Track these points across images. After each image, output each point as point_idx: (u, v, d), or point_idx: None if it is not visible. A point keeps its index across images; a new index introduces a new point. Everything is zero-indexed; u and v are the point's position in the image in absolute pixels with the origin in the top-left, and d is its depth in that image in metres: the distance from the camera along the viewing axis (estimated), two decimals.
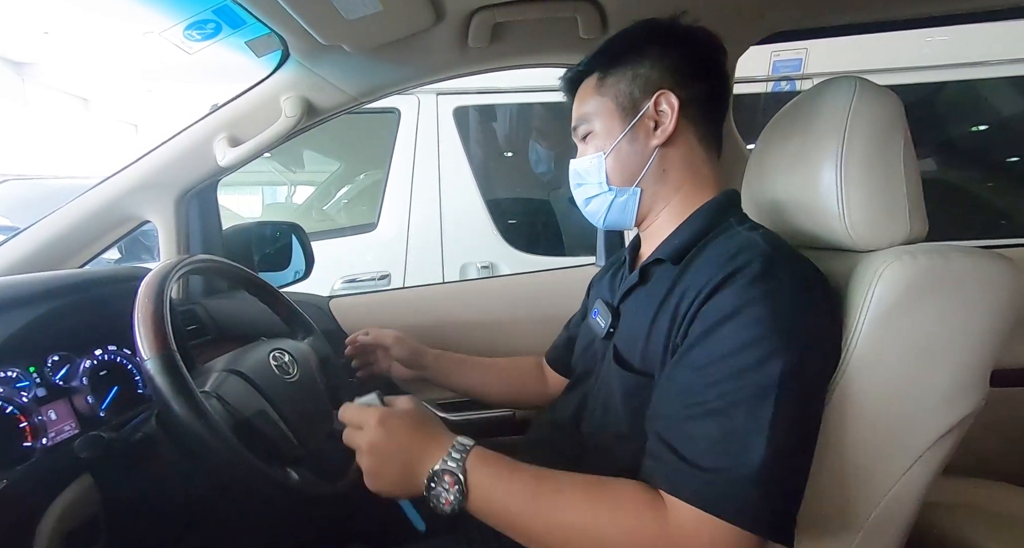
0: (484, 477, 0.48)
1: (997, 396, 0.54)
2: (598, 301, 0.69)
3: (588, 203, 0.66)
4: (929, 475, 0.52)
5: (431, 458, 0.49)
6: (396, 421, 0.51)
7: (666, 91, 0.59)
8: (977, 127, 2.29)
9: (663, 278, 0.57)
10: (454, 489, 0.47)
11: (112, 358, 0.67)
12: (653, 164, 0.61)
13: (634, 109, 0.61)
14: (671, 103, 0.59)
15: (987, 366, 0.50)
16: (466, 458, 0.49)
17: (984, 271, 0.49)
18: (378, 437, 0.50)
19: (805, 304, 0.47)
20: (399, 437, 0.50)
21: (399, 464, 0.50)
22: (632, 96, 0.61)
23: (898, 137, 0.54)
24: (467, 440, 0.51)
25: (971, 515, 0.80)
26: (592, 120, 0.64)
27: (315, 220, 2.52)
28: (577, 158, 0.67)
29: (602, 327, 0.65)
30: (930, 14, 0.99)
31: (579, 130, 0.66)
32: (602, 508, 0.46)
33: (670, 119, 0.59)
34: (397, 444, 0.50)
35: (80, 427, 0.60)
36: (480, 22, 0.81)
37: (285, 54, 0.84)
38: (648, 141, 0.61)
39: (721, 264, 0.50)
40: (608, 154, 0.62)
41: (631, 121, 0.61)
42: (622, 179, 0.63)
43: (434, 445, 0.50)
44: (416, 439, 0.50)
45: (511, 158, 2.24)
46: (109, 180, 0.89)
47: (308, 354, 0.77)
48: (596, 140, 0.63)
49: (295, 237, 1.15)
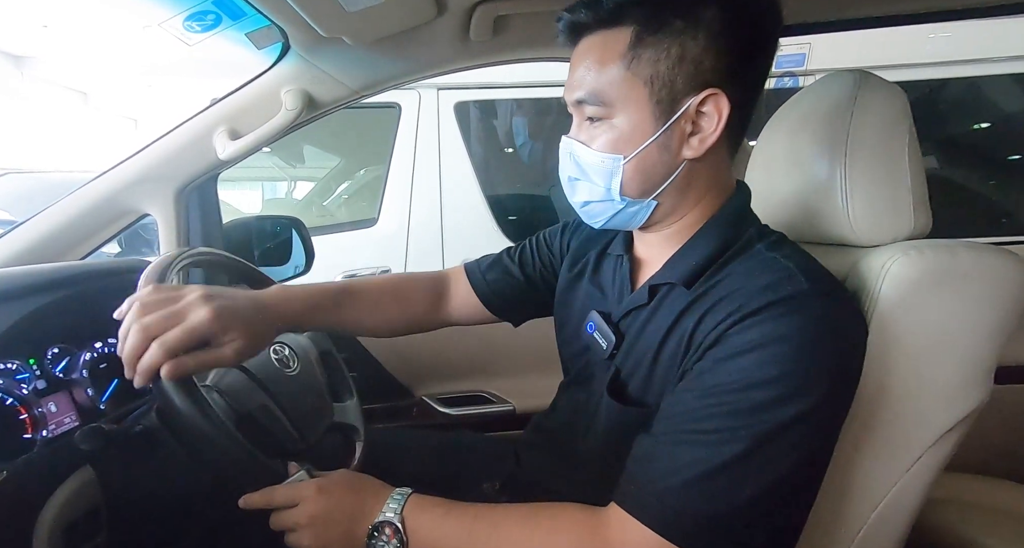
0: (421, 523, 0.49)
1: (1000, 393, 0.53)
2: (593, 314, 0.60)
3: (586, 205, 0.55)
4: (932, 471, 0.51)
5: (371, 513, 0.50)
6: (335, 486, 0.51)
7: (717, 91, 0.46)
8: (979, 124, 2.28)
9: (674, 301, 0.51)
10: (393, 540, 0.48)
11: (112, 351, 0.67)
12: (678, 177, 0.50)
13: (672, 105, 0.47)
14: (719, 108, 0.46)
15: (992, 362, 0.50)
16: (403, 507, 0.49)
17: (990, 267, 0.49)
18: (318, 507, 0.50)
19: (836, 344, 0.44)
20: (340, 501, 0.50)
21: (342, 527, 0.50)
22: (674, 87, 0.46)
23: (903, 131, 0.53)
24: (404, 490, 0.52)
25: (972, 512, 0.80)
26: (613, 103, 0.48)
27: (316, 215, 2.52)
28: (576, 140, 0.52)
29: (604, 348, 0.57)
30: (933, 10, 0.98)
31: (585, 107, 0.50)
32: (538, 534, 0.47)
33: (715, 128, 0.47)
34: (338, 508, 0.50)
35: (80, 419, 0.60)
36: (482, 15, 0.81)
37: (285, 47, 0.83)
38: (680, 151, 0.49)
39: (752, 293, 0.44)
40: (629, 159, 0.49)
41: (666, 122, 0.47)
42: (639, 191, 0.51)
43: (372, 500, 0.51)
44: (357, 499, 0.51)
45: (512, 154, 2.23)
46: (109, 173, 0.89)
47: (308, 348, 0.76)
48: (613, 134, 0.49)
49: (295, 232, 1.15)
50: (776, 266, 0.47)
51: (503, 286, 0.76)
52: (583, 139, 0.52)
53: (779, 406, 0.41)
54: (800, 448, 0.42)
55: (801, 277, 0.45)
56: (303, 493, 0.51)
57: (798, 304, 0.43)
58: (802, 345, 0.42)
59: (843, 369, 0.45)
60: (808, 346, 0.42)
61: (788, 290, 0.44)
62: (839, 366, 0.44)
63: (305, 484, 0.51)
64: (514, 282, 0.75)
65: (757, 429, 0.41)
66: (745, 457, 0.41)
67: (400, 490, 0.52)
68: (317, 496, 0.50)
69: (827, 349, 0.43)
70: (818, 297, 0.44)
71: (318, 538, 0.49)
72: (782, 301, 0.43)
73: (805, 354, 0.42)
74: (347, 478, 0.53)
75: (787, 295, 0.43)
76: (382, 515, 0.49)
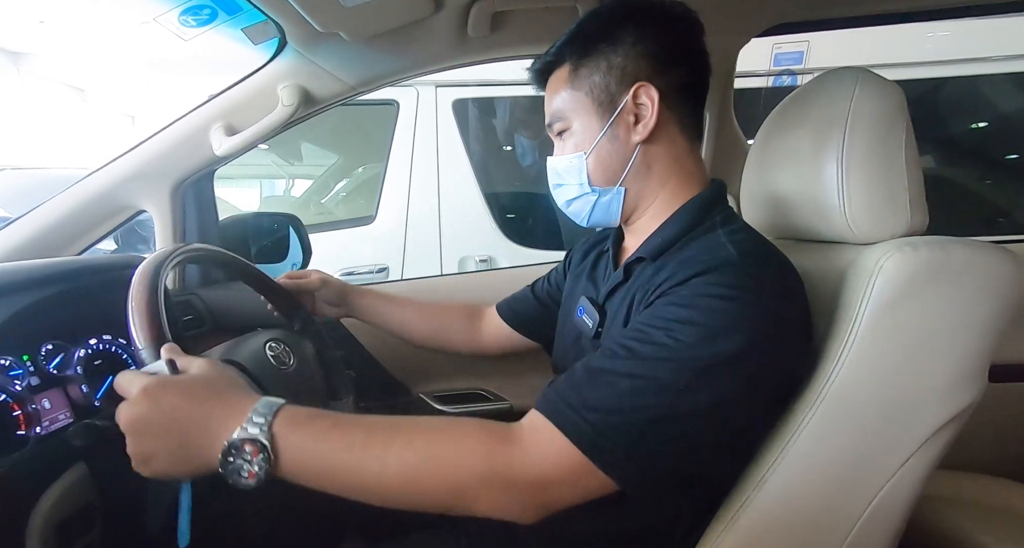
0: (297, 438, 0.43)
1: (994, 391, 0.54)
2: (583, 299, 0.66)
3: (570, 204, 0.64)
4: (926, 468, 0.52)
5: (224, 428, 0.43)
6: (167, 390, 0.44)
7: (644, 83, 0.56)
8: (977, 124, 2.29)
9: (642, 275, 0.57)
10: (258, 458, 0.42)
11: (107, 347, 0.66)
12: (636, 161, 0.59)
13: (612, 104, 0.57)
14: (651, 95, 0.56)
15: (986, 359, 0.50)
16: (271, 422, 0.43)
17: (985, 264, 0.49)
18: (138, 411, 0.43)
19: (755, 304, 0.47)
20: (168, 409, 0.43)
21: (173, 440, 0.43)
22: (608, 89, 0.57)
23: (900, 129, 0.53)
24: (274, 400, 0.45)
25: (966, 509, 0.80)
26: (568, 116, 0.60)
27: (313, 212, 2.51)
28: (554, 156, 0.63)
29: (590, 327, 0.63)
30: (932, 8, 0.98)
31: (554, 127, 0.62)
32: (442, 444, 0.45)
33: (651, 113, 0.56)
34: (165, 417, 0.43)
35: (75, 416, 0.60)
36: (479, 11, 0.80)
37: (282, 42, 0.83)
38: (629, 137, 0.58)
39: (691, 263, 0.50)
40: (589, 154, 0.59)
41: (610, 118, 0.58)
42: (604, 179, 0.60)
43: (226, 412, 0.44)
44: (196, 409, 0.44)
45: (510, 151, 2.23)
46: (104, 169, 0.88)
47: (304, 344, 0.76)
48: (573, 138, 0.60)
49: (292, 229, 1.15)
50: (719, 245, 0.52)
51: (521, 306, 0.88)
52: (557, 152, 0.63)
53: (701, 345, 0.45)
54: (717, 388, 0.45)
55: (733, 251, 0.50)
56: (129, 388, 0.44)
57: (723, 270, 0.48)
58: (726, 300, 0.46)
59: (764, 328, 0.47)
60: (731, 301, 0.46)
61: (719, 260, 0.49)
62: (761, 325, 0.46)
63: (135, 379, 0.45)
64: (529, 303, 0.87)
65: (678, 360, 0.45)
66: (662, 385, 0.45)
67: (268, 400, 0.45)
68: (139, 398, 0.43)
69: (749, 307, 0.46)
70: (743, 266, 0.49)
71: (137, 446, 0.44)
72: (712, 269, 0.48)
73: (728, 307, 0.46)
74: (191, 381, 0.46)
75: (717, 264, 0.49)
76: (242, 431, 0.42)
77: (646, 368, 0.45)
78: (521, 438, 0.46)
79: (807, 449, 0.51)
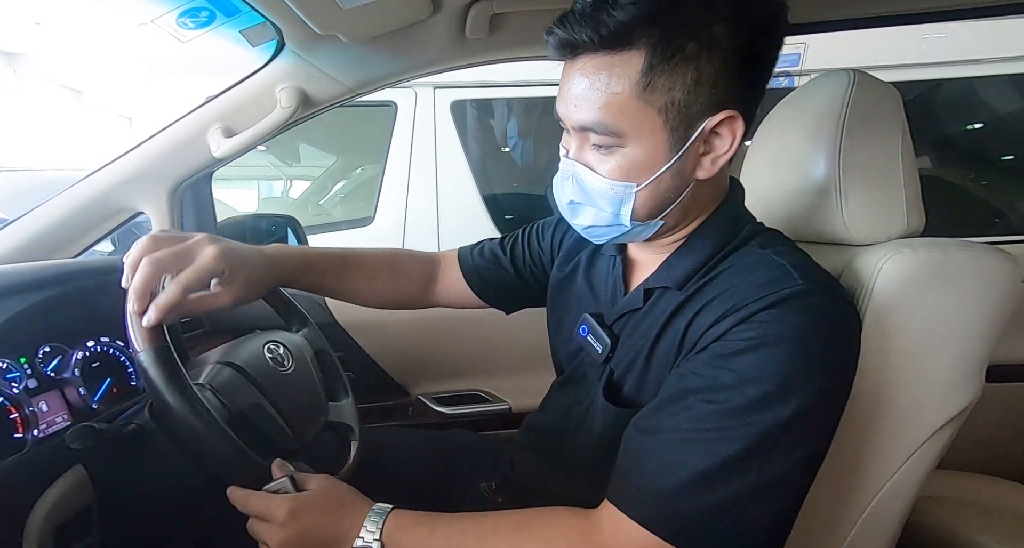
0: (403, 544, 0.47)
1: (992, 392, 0.54)
2: (586, 317, 0.59)
3: (590, 228, 0.52)
4: (924, 469, 0.52)
5: (348, 538, 0.47)
6: (308, 509, 0.48)
7: (734, 112, 0.44)
8: (973, 125, 2.30)
9: (666, 301, 0.51)
10: None
11: (105, 350, 0.66)
12: (687, 196, 0.49)
13: (687, 131, 0.44)
14: (734, 130, 0.45)
15: (983, 360, 0.50)
16: (382, 528, 0.47)
17: (982, 265, 0.49)
18: (290, 533, 0.47)
19: (832, 342, 0.43)
20: (312, 526, 0.48)
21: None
22: (689, 112, 0.43)
23: (896, 130, 0.54)
24: (384, 506, 0.49)
25: (964, 509, 0.80)
26: (625, 133, 0.44)
27: (312, 214, 2.51)
28: (579, 163, 0.48)
29: (599, 352, 0.57)
30: (930, 10, 0.99)
31: (591, 136, 0.46)
32: (530, 544, 0.46)
33: (728, 148, 0.45)
34: (311, 534, 0.48)
35: (72, 419, 0.59)
36: (478, 12, 0.80)
37: (280, 44, 0.83)
38: (693, 173, 0.47)
39: (747, 291, 0.44)
40: (642, 187, 0.46)
41: (680, 149, 0.45)
42: (647, 214, 0.49)
43: (349, 521, 0.48)
44: (331, 522, 0.48)
45: (508, 153, 2.23)
46: (102, 170, 0.88)
47: (303, 346, 0.76)
48: (624, 162, 0.46)
49: (291, 231, 1.15)
50: (771, 264, 0.46)
51: (492, 276, 0.76)
52: (590, 163, 0.48)
53: (776, 404, 0.41)
54: (797, 446, 0.42)
55: (796, 275, 0.44)
56: (275, 513, 0.48)
57: (795, 303, 0.43)
58: (799, 343, 0.41)
59: (839, 367, 0.44)
60: (805, 345, 0.42)
61: (784, 289, 0.43)
62: (835, 364, 0.44)
63: (279, 503, 0.49)
64: (504, 273, 0.76)
65: (753, 428, 0.41)
66: (741, 456, 0.41)
67: (379, 506, 0.49)
68: (288, 521, 0.48)
69: (823, 347, 0.42)
70: (814, 295, 0.43)
71: None
72: (780, 301, 0.42)
73: (802, 352, 0.41)
74: (322, 497, 0.50)
75: (785, 295, 0.43)
76: (360, 540, 0.47)
77: (724, 441, 0.41)
78: (605, 534, 0.45)
79: None
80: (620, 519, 0.44)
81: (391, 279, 0.76)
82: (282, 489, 0.51)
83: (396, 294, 0.77)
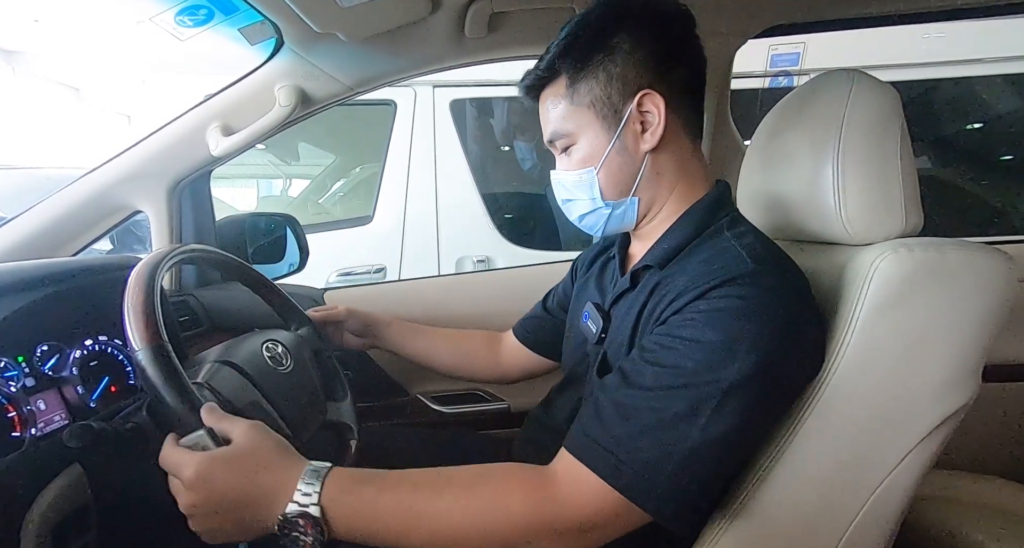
0: (347, 507, 0.44)
1: (991, 392, 0.54)
2: (588, 304, 0.66)
3: (583, 219, 0.62)
4: (920, 468, 0.52)
5: (277, 502, 0.43)
6: (221, 469, 0.44)
7: (648, 91, 0.54)
8: (972, 125, 2.30)
9: (649, 282, 0.56)
10: (312, 531, 0.42)
11: (103, 348, 0.66)
12: (646, 169, 0.57)
13: (616, 115, 0.56)
14: (656, 103, 0.54)
15: (980, 359, 0.50)
16: (320, 492, 0.43)
17: (979, 265, 0.49)
18: (200, 496, 0.43)
19: (780, 317, 0.47)
20: (226, 490, 0.43)
21: (233, 515, 0.44)
22: (611, 101, 0.55)
23: (895, 130, 0.54)
24: (322, 465, 0.45)
25: (961, 509, 0.80)
26: (571, 132, 0.58)
27: (311, 213, 2.51)
28: (560, 170, 0.62)
29: (594, 332, 0.62)
30: (928, 9, 0.99)
31: (557, 144, 0.60)
32: (486, 497, 0.46)
33: (658, 120, 0.55)
34: (226, 498, 0.43)
35: (70, 417, 0.59)
36: (477, 11, 0.80)
37: (279, 42, 0.83)
38: (638, 147, 0.56)
39: (703, 273, 0.49)
40: (599, 168, 0.57)
41: (616, 130, 0.56)
42: (617, 192, 0.58)
43: (277, 484, 0.44)
44: (251, 484, 0.44)
45: (508, 151, 2.23)
46: (100, 169, 0.88)
47: (302, 345, 0.76)
48: (580, 153, 0.58)
49: (290, 229, 1.14)
50: (729, 249, 0.52)
51: (534, 324, 0.87)
52: (563, 167, 0.61)
53: (720, 367, 0.45)
54: (742, 407, 0.45)
55: (746, 256, 0.50)
56: (183, 472, 0.44)
57: (744, 280, 0.47)
58: (745, 313, 0.46)
59: (788, 340, 0.47)
60: (751, 314, 0.46)
61: (735, 269, 0.48)
62: (783, 336, 0.46)
63: (187, 461, 0.44)
64: (542, 320, 0.86)
65: (698, 390, 0.45)
66: (686, 415, 0.45)
67: (317, 465, 0.45)
68: (195, 483, 0.43)
69: (769, 317, 0.46)
70: (763, 274, 0.48)
71: (203, 524, 0.44)
72: (730, 279, 0.47)
73: (748, 320, 0.46)
74: (241, 455, 0.45)
75: (735, 273, 0.48)
76: (294, 505, 0.43)
77: (673, 399, 0.45)
78: (559, 484, 0.47)
79: (802, 449, 0.51)
80: (574, 466, 0.47)
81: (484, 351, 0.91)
82: (198, 444, 0.46)
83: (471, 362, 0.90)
